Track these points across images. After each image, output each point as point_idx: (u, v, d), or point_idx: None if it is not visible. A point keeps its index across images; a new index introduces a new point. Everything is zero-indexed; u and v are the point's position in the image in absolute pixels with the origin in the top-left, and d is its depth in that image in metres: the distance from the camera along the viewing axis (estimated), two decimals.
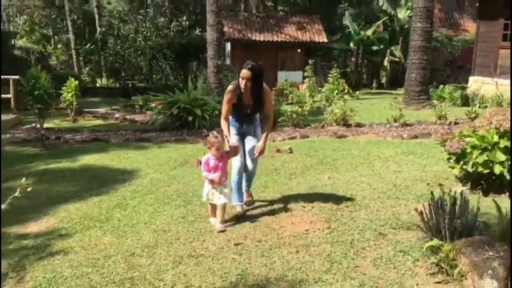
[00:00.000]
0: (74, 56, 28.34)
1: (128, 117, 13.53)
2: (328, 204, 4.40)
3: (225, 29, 19.92)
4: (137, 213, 4.69)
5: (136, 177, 6.27)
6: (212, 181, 4.15)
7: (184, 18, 23.59)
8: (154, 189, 5.52)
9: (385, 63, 21.18)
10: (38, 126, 11.00)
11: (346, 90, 17.03)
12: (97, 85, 25.54)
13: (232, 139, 4.38)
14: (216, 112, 10.38)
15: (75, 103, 13.16)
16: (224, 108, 4.41)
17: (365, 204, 4.35)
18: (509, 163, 4.22)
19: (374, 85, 22.12)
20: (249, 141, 4.52)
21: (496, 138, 4.33)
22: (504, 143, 4.28)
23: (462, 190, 3.27)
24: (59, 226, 4.47)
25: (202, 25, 20.16)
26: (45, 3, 26.08)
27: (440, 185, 3.46)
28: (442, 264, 2.79)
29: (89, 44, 28.56)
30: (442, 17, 24.54)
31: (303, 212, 4.26)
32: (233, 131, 4.51)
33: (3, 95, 13.02)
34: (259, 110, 4.47)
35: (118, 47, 23.92)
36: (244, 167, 4.51)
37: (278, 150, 7.29)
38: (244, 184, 4.61)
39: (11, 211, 4.64)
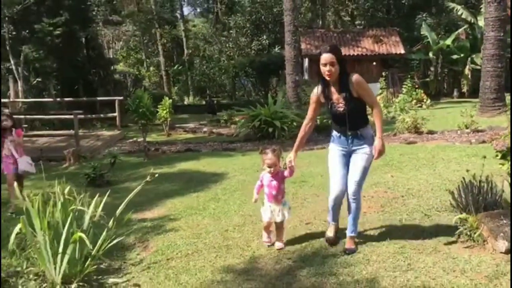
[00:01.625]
0: (164, 77, 30.83)
1: (214, 130, 14.94)
2: (386, 194, 5.20)
3: (303, 46, 20.94)
4: (227, 204, 5.76)
5: (225, 178, 7.40)
6: (269, 197, 4.04)
7: (264, 37, 24.98)
8: (241, 187, 6.58)
9: (466, 71, 20.96)
10: (139, 140, 12.71)
11: (425, 100, 17.34)
12: (185, 102, 27.59)
13: (293, 153, 3.95)
14: (295, 123, 11.39)
15: (169, 119, 14.79)
16: (309, 109, 3.96)
17: (418, 195, 5.09)
18: None
19: (455, 94, 21.92)
20: (356, 160, 3.77)
21: None
22: None
23: (488, 175, 3.94)
24: (168, 213, 5.65)
25: (281, 42, 21.34)
26: (139, 30, 28.73)
27: (467, 171, 4.12)
28: (468, 232, 3.53)
29: (177, 65, 30.92)
30: None
31: (363, 199, 5.08)
32: (332, 144, 3.93)
33: (109, 114, 15.04)
34: (355, 105, 3.66)
35: (204, 67, 25.89)
36: (341, 198, 3.88)
37: None
38: (348, 227, 3.91)
39: (130, 204, 5.87)
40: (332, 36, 22.32)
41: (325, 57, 3.57)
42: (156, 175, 3.89)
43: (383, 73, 18.14)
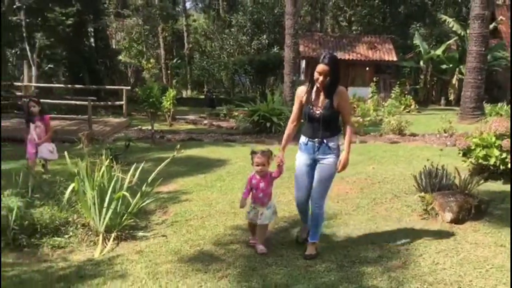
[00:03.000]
0: (163, 70, 31.68)
1: (214, 123, 15.90)
2: (365, 181, 6.25)
3: (301, 48, 21.97)
4: (232, 183, 6.75)
5: (228, 164, 8.39)
6: (254, 199, 4.09)
7: (264, 36, 25.93)
8: (242, 171, 7.56)
9: (454, 81, 22.15)
10: (143, 127, 13.66)
11: (413, 106, 18.49)
12: (183, 96, 28.50)
13: (280, 152, 4.00)
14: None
15: (172, 110, 15.73)
16: (294, 108, 4.03)
17: (392, 182, 6.15)
18: (502, 157, 5.83)
19: (442, 101, 23.08)
20: (320, 169, 3.87)
21: (493, 139, 5.96)
22: (498, 142, 5.90)
23: (443, 165, 5.00)
24: (181, 189, 6.63)
25: (280, 43, 22.34)
26: (147, 23, 29.52)
27: (428, 159, 5.18)
28: (425, 207, 4.58)
29: (176, 59, 31.77)
30: None
31: (346, 183, 6.12)
32: (299, 152, 4.01)
33: (116, 102, 15.97)
34: (331, 113, 3.78)
35: (204, 62, 26.83)
36: (304, 204, 4.06)
37: None
38: (310, 233, 4.04)
39: (144, 181, 6.80)
40: (329, 40, 23.39)
41: (322, 67, 3.65)
42: (182, 151, 4.83)
43: (374, 78, 19.22)
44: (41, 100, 15.14)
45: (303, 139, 3.95)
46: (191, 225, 4.97)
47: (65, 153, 5.34)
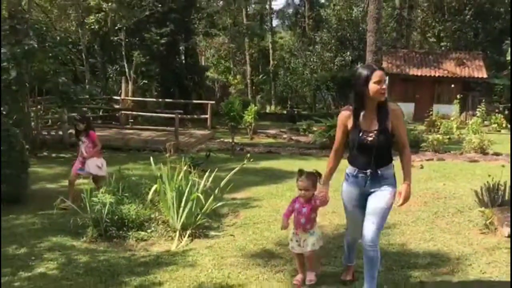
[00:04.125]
0: (249, 85, 32.81)
1: (293, 138, 16.35)
2: (432, 196, 6.33)
3: (384, 64, 21.81)
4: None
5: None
6: (295, 225, 3.75)
7: (348, 53, 26.08)
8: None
9: None
10: (226, 140, 14.46)
11: (504, 125, 17.61)
12: (267, 111, 29.31)
13: (323, 185, 3.50)
14: None
15: (253, 124, 16.44)
16: (337, 135, 3.42)
17: (459, 197, 6.17)
18: None
19: None
20: (375, 201, 3.29)
21: None
22: None
23: (506, 181, 5.00)
24: (253, 196, 7.13)
25: (363, 59, 22.36)
26: (232, 42, 30.87)
27: (489, 175, 5.18)
28: (484, 221, 4.64)
29: (262, 75, 32.76)
30: None
31: (412, 198, 6.22)
32: (346, 184, 3.43)
33: (202, 116, 17.03)
34: (385, 138, 3.21)
35: (288, 78, 27.52)
36: (356, 242, 3.67)
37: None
38: (365, 284, 3.39)
39: (223, 189, 7.34)
40: (414, 57, 22.97)
41: (380, 74, 3.15)
42: (251, 160, 5.30)
43: (458, 96, 18.59)
44: (135, 113, 16.68)
45: (350, 169, 3.35)
46: (258, 227, 5.42)
47: (151, 159, 6.04)
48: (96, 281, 3.93)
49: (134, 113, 16.93)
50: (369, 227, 3.25)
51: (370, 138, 3.21)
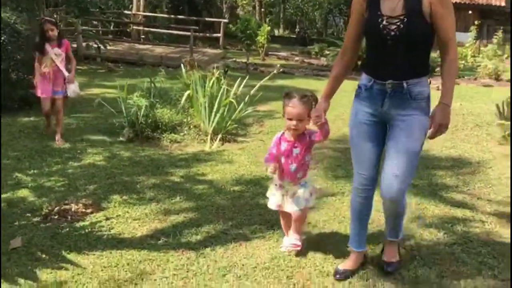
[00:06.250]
0: (257, 7, 31.99)
1: (306, 60, 16.35)
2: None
3: None
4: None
5: (318, 93, 8.87)
6: (282, 173, 2.64)
7: None
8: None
9: None
10: (238, 60, 14.49)
11: None
12: (275, 34, 28.86)
13: (321, 104, 2.43)
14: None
15: (265, 45, 16.35)
16: (348, 28, 2.43)
17: (477, 114, 6.44)
18: None
19: None
20: (397, 136, 2.26)
21: None
22: None
23: None
24: (274, 109, 7.27)
25: None
26: None
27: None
28: (503, 133, 4.92)
29: None
30: None
31: None
32: (357, 102, 2.41)
33: (214, 34, 16.90)
34: (420, 30, 2.15)
35: (299, 1, 26.83)
36: (371, 195, 2.50)
37: None
38: (387, 231, 2.55)
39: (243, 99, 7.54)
40: None
41: None
42: (281, 69, 5.44)
43: (476, 22, 18.29)
44: (147, 29, 16.54)
45: (364, 79, 2.34)
46: None
47: (181, 65, 6.22)
48: (144, 171, 4.26)
49: (146, 29, 16.77)
50: (390, 180, 2.23)
51: (393, 25, 2.14)
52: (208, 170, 4.35)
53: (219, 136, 5.47)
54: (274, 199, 2.71)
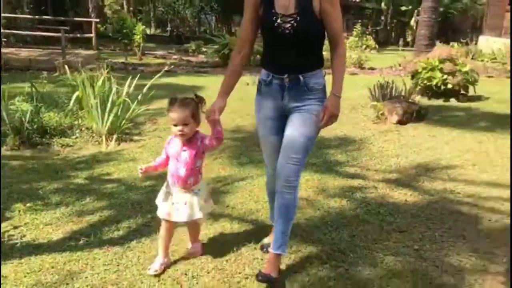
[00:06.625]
0: (125, 6, 31.06)
1: (184, 58, 16.39)
2: None
3: None
4: (209, 103, 7.55)
5: (205, 89, 9.11)
6: (172, 177, 2.51)
7: None
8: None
9: (412, 22, 23.16)
10: (114, 60, 14.06)
11: (373, 46, 19.50)
12: (148, 33, 28.31)
13: (216, 102, 2.43)
14: (258, 56, 13.13)
15: (142, 44, 16.06)
16: (243, 23, 2.48)
17: (350, 99, 7.11)
18: (443, 78, 6.86)
19: (400, 43, 24.17)
20: (294, 125, 2.37)
21: (437, 63, 6.97)
22: (441, 65, 6.92)
23: (393, 79, 5.99)
24: (165, 106, 7.37)
25: None
26: None
27: (380, 74, 6.16)
28: (377, 113, 5.57)
29: None
30: None
31: None
32: (259, 96, 2.51)
33: (86, 35, 16.13)
34: (312, 27, 2.28)
35: None
36: (272, 177, 2.54)
37: None
38: (274, 239, 2.48)
39: (134, 98, 7.47)
40: None
41: None
42: (172, 66, 5.46)
43: None
44: (8, 31, 15.21)
45: (264, 74, 2.46)
46: None
47: (66, 67, 5.95)
48: (42, 177, 4.06)
49: (7, 31, 15.41)
50: (284, 165, 2.35)
51: (288, 25, 2.27)
52: (112, 169, 4.29)
53: (115, 136, 5.38)
54: (162, 208, 2.54)
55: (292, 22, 2.25)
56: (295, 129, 2.33)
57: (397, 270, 2.52)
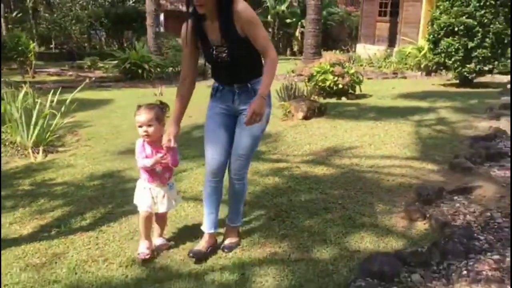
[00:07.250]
0: (3, 24, 29.23)
1: (81, 74, 16.10)
2: None
3: (162, 1, 22.63)
4: (125, 112, 7.83)
5: (113, 102, 9.33)
6: (151, 176, 2.79)
7: None
8: (128, 105, 8.63)
9: (297, 33, 25.01)
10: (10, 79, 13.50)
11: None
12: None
13: (171, 127, 2.73)
14: (158, 69, 13.53)
15: (34, 62, 15.51)
16: (183, 56, 2.77)
17: None
18: (334, 80, 7.91)
19: (288, 52, 25.94)
20: (242, 122, 2.61)
21: (328, 67, 8.01)
22: (332, 69, 7.96)
23: (296, 82, 6.87)
24: (81, 119, 7.47)
25: None
26: None
27: (287, 79, 7.04)
28: (284, 111, 6.38)
29: (16, 12, 29.52)
30: None
31: None
32: (212, 101, 2.83)
33: None
34: (244, 49, 2.59)
35: (55, 15, 25.72)
36: (222, 175, 2.85)
37: None
38: (229, 215, 2.98)
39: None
40: None
41: None
42: (91, 80, 5.71)
43: None
44: None
45: (215, 84, 2.80)
46: (106, 138, 6.10)
47: None
48: None
49: None
50: (234, 161, 2.75)
51: (224, 54, 2.59)
52: (54, 175, 4.52)
53: (41, 148, 5.53)
54: (145, 201, 2.79)
55: (227, 51, 2.58)
56: (242, 130, 2.68)
57: (329, 218, 3.27)
